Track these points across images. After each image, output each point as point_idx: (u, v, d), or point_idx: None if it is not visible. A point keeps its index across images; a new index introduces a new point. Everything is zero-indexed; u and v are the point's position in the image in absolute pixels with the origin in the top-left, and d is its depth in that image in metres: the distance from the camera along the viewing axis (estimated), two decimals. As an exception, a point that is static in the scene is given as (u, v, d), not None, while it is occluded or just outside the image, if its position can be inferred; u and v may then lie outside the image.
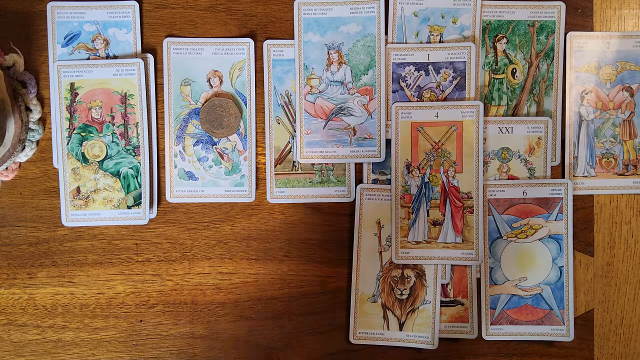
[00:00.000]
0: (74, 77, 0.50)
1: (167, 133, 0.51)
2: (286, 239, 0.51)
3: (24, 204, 0.51)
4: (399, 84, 0.51)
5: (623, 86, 0.52)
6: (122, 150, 0.50)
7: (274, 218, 0.51)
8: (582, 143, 0.52)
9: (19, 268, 0.51)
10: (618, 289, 0.52)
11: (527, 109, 0.52)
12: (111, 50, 0.51)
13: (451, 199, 0.51)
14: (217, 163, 0.51)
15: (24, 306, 0.51)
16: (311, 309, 0.51)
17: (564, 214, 0.51)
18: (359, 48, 0.51)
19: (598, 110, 0.52)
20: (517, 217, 0.51)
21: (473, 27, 0.51)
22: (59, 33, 0.50)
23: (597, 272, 0.52)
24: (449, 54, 0.51)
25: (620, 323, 0.52)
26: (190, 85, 0.51)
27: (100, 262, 0.51)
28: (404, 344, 0.50)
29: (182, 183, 0.51)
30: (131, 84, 0.50)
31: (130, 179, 0.50)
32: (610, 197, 0.52)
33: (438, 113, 0.51)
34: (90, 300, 0.51)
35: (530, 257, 0.51)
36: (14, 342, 0.51)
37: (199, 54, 0.50)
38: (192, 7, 0.51)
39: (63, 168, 0.50)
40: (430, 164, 0.51)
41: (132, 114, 0.50)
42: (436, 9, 0.51)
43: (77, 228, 0.51)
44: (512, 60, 0.51)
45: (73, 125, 0.50)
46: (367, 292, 0.50)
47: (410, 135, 0.51)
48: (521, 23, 0.51)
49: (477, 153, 0.50)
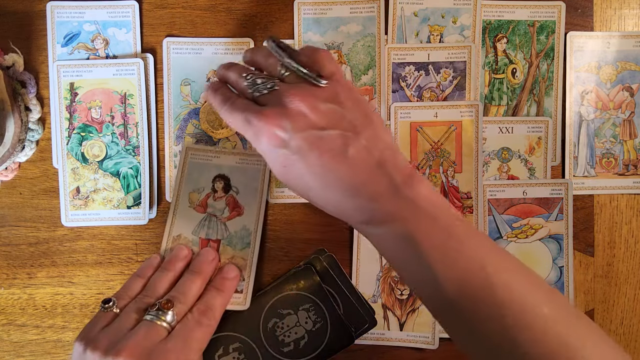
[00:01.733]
0: (74, 77, 0.50)
1: (167, 133, 0.51)
2: (286, 239, 0.51)
3: (23, 204, 0.51)
4: (399, 84, 0.51)
5: (623, 86, 0.52)
6: (122, 150, 0.50)
7: (274, 218, 0.51)
8: (582, 143, 0.52)
9: (19, 268, 0.51)
10: (618, 289, 0.52)
11: (527, 109, 0.52)
12: (111, 50, 0.51)
13: (450, 198, 0.51)
14: (217, 163, 0.51)
15: (24, 306, 0.51)
16: (311, 309, 0.51)
17: (564, 214, 0.51)
18: (359, 48, 0.51)
19: (598, 110, 0.52)
20: (517, 217, 0.51)
21: (473, 27, 0.51)
22: (58, 33, 0.50)
23: (597, 272, 0.52)
24: (449, 54, 0.51)
25: (620, 323, 0.52)
26: (190, 85, 0.51)
27: (100, 262, 0.51)
28: (404, 344, 0.50)
29: (181, 183, 0.51)
30: (131, 84, 0.50)
31: (130, 179, 0.50)
32: (610, 197, 0.52)
33: (437, 113, 0.50)
34: (90, 300, 0.51)
35: (531, 257, 0.51)
36: (14, 342, 0.51)
37: (198, 53, 0.50)
38: (192, 7, 0.51)
39: (63, 168, 0.50)
40: (430, 164, 0.51)
41: (132, 113, 0.50)
42: (436, 9, 0.51)
43: (76, 228, 0.51)
44: (512, 60, 0.51)
45: (73, 125, 0.50)
46: (367, 293, 0.50)
47: (409, 135, 0.51)
48: (521, 23, 0.51)
49: (476, 153, 0.50)
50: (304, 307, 0.48)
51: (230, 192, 0.50)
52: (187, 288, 0.44)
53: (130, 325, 0.41)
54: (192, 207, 0.49)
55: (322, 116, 0.37)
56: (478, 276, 0.35)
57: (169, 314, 0.41)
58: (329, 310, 0.48)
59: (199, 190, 0.49)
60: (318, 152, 0.37)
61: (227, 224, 0.49)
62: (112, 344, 0.39)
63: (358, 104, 0.39)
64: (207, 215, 0.49)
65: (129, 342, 0.38)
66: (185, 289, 0.44)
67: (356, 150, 0.37)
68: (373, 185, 0.37)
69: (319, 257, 0.50)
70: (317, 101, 0.38)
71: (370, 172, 0.37)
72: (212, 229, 0.49)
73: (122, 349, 0.38)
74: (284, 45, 0.41)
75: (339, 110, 0.38)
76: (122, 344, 0.38)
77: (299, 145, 0.37)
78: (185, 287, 0.44)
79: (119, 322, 0.41)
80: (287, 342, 0.48)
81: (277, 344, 0.47)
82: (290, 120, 0.37)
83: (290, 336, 0.48)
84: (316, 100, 0.38)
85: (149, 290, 0.44)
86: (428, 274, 0.36)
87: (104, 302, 0.43)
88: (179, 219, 0.49)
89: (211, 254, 0.47)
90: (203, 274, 0.46)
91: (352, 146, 0.37)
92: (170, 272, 0.45)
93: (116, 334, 0.40)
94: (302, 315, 0.48)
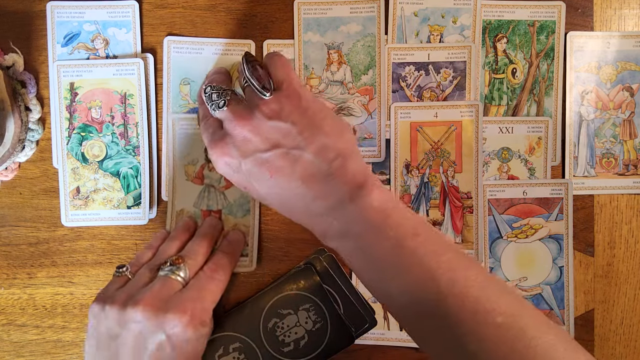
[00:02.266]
0: (74, 76, 0.50)
1: (166, 132, 0.50)
2: (285, 238, 0.51)
3: (23, 204, 0.51)
4: (399, 84, 0.51)
5: (623, 86, 0.52)
6: (122, 150, 0.50)
7: (272, 218, 0.51)
8: (582, 143, 0.52)
9: (19, 268, 0.51)
10: (618, 289, 0.52)
11: (527, 109, 0.52)
12: (111, 50, 0.51)
13: (450, 198, 0.51)
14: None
15: (24, 306, 0.51)
16: (311, 309, 0.51)
17: (564, 214, 0.51)
18: (359, 48, 0.51)
19: (598, 110, 0.52)
20: (517, 217, 0.51)
21: (473, 27, 0.51)
22: (58, 33, 0.50)
23: (597, 272, 0.52)
24: (449, 54, 0.51)
25: (620, 323, 0.52)
26: (190, 85, 0.51)
27: (100, 262, 0.51)
28: (404, 344, 0.50)
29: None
30: (131, 84, 0.50)
31: (130, 179, 0.50)
32: (610, 197, 0.52)
33: (437, 113, 0.50)
34: (90, 301, 0.51)
35: (531, 257, 0.51)
36: (14, 342, 0.51)
37: (199, 53, 0.50)
38: (192, 7, 0.51)
39: (63, 168, 0.50)
40: (430, 164, 0.51)
41: (132, 114, 0.50)
42: (436, 9, 0.51)
43: (76, 228, 0.51)
44: (512, 60, 0.51)
45: (73, 125, 0.50)
46: (367, 293, 0.50)
47: (409, 135, 0.51)
48: (521, 23, 0.51)
49: (476, 153, 0.50)
50: (304, 307, 0.48)
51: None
52: (195, 248, 0.45)
53: (146, 282, 0.42)
54: (189, 180, 0.50)
55: (265, 138, 0.39)
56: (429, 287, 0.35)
57: (182, 269, 0.42)
58: (329, 311, 0.48)
59: (193, 162, 0.50)
60: (268, 174, 0.38)
61: (225, 193, 0.50)
62: (129, 297, 0.41)
63: (304, 115, 0.39)
64: (205, 187, 0.50)
65: (146, 294, 0.40)
66: (193, 248, 0.45)
67: (303, 167, 0.38)
68: (323, 200, 0.38)
69: (319, 257, 0.50)
70: (260, 122, 0.39)
71: (319, 186, 0.38)
72: (212, 199, 0.50)
73: (140, 299, 0.40)
74: (252, 58, 0.43)
75: (283, 127, 0.39)
76: (140, 295, 0.40)
77: (249, 169, 0.39)
78: (194, 247, 0.45)
79: (134, 280, 0.43)
80: (287, 342, 0.48)
81: (277, 344, 0.47)
82: (237, 147, 0.39)
83: (290, 336, 0.48)
84: (259, 122, 0.39)
85: (159, 255, 0.46)
86: (382, 286, 0.37)
87: (118, 268, 0.44)
88: (179, 193, 0.50)
89: (215, 220, 0.49)
90: (209, 237, 0.47)
91: (298, 163, 0.38)
92: (177, 241, 0.47)
93: (132, 289, 0.42)
94: (302, 315, 0.48)
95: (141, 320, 0.39)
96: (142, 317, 0.39)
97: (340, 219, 0.38)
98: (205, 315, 0.42)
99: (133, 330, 0.39)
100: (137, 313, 0.39)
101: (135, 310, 0.39)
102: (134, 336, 0.39)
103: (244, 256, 0.50)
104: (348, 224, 0.37)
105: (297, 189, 0.38)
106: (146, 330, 0.39)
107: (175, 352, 0.40)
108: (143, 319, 0.39)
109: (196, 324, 0.40)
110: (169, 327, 0.39)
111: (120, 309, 0.40)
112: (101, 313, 0.41)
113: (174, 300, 0.40)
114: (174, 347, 0.39)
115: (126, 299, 0.40)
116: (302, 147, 0.38)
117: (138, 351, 0.39)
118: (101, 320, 0.41)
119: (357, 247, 0.37)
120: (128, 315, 0.39)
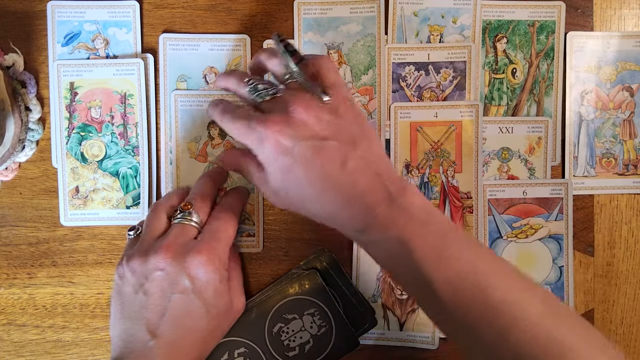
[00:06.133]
0: (74, 76, 0.50)
1: (164, 131, 0.50)
2: (286, 238, 0.51)
3: (23, 204, 0.51)
4: (399, 84, 0.51)
5: (623, 86, 0.52)
6: (121, 150, 0.50)
7: (274, 218, 0.51)
8: (582, 143, 0.52)
9: (19, 268, 0.51)
10: (618, 289, 0.52)
11: (527, 109, 0.52)
12: (111, 50, 0.51)
13: (450, 198, 0.51)
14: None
15: (24, 306, 0.51)
16: (311, 309, 0.51)
17: (564, 214, 0.51)
18: (359, 48, 0.51)
19: (598, 110, 0.52)
20: (517, 217, 0.51)
21: (473, 27, 0.51)
22: (58, 32, 0.50)
23: (597, 272, 0.52)
24: (449, 54, 0.51)
25: (620, 323, 0.52)
26: (186, 82, 0.51)
27: (100, 262, 0.51)
28: (404, 344, 0.50)
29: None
30: (131, 84, 0.50)
31: (129, 179, 0.50)
32: (610, 197, 0.52)
33: (437, 113, 0.50)
34: (90, 300, 0.51)
35: (531, 257, 0.51)
36: (14, 342, 0.51)
37: (195, 49, 0.50)
38: (192, 7, 0.51)
39: (62, 167, 0.50)
40: (430, 164, 0.51)
41: (132, 113, 0.50)
42: (436, 9, 0.51)
43: (77, 228, 0.51)
44: (512, 60, 0.51)
45: (72, 124, 0.50)
46: (367, 293, 0.50)
47: (409, 135, 0.51)
48: (521, 23, 0.51)
49: (476, 153, 0.50)
50: (308, 311, 0.48)
51: (227, 137, 0.50)
52: (200, 188, 0.46)
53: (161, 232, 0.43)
54: (193, 158, 0.50)
55: (324, 127, 0.39)
56: (471, 279, 0.36)
57: (193, 214, 0.43)
58: (334, 315, 0.48)
59: (196, 139, 0.50)
60: (320, 162, 0.38)
61: (229, 171, 0.50)
62: (149, 247, 0.42)
63: (356, 118, 0.41)
64: (209, 165, 0.50)
65: (164, 242, 0.41)
66: (198, 188, 0.46)
67: (355, 162, 0.39)
68: (370, 195, 0.39)
69: (319, 257, 0.50)
70: (320, 112, 0.39)
71: (368, 182, 0.39)
72: None
73: (159, 247, 0.41)
74: (291, 48, 0.42)
75: (339, 123, 0.40)
76: (159, 244, 0.41)
77: (303, 153, 0.38)
78: (198, 187, 0.46)
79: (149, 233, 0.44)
80: (292, 347, 0.48)
81: (282, 349, 0.47)
82: (294, 128, 0.39)
83: (295, 341, 0.48)
84: (319, 111, 0.39)
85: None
86: (422, 278, 0.37)
87: (129, 230, 0.46)
88: (183, 172, 0.50)
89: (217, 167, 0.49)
90: (212, 177, 0.47)
91: (351, 158, 0.39)
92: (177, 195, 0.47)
93: (150, 241, 0.42)
94: (307, 320, 0.48)
95: (164, 266, 0.40)
96: (164, 263, 0.40)
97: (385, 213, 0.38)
98: (223, 254, 0.43)
99: (157, 279, 0.41)
100: (158, 261, 0.40)
101: (157, 257, 0.40)
102: (159, 285, 0.41)
103: (250, 236, 0.50)
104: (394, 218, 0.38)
105: (343, 182, 0.38)
106: (169, 277, 0.40)
107: (199, 298, 0.41)
108: (166, 265, 0.40)
109: (215, 262, 0.41)
110: (190, 269, 0.40)
111: (143, 260, 0.41)
112: (126, 271, 0.42)
113: (190, 244, 0.41)
114: (198, 291, 0.41)
115: (147, 249, 0.42)
116: (355, 145, 0.39)
117: (163, 299, 0.41)
118: (126, 278, 0.42)
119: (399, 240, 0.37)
120: (150, 264, 0.41)
